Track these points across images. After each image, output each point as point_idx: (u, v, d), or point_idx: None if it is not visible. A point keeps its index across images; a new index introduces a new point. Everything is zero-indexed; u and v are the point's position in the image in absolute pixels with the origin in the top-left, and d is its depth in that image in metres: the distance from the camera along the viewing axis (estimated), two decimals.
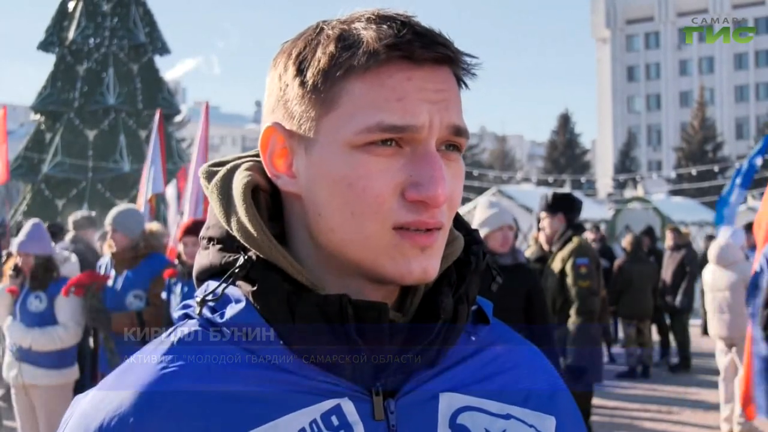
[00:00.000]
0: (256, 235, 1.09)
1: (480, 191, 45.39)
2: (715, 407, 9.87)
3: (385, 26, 1.05)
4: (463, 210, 37.23)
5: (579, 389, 6.62)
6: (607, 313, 11.71)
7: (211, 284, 1.10)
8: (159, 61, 50.47)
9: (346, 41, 1.05)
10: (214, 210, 1.15)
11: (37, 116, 49.59)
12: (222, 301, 1.09)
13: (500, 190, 34.26)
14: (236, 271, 1.09)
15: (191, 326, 1.11)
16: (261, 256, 1.09)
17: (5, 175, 10.76)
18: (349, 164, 1.05)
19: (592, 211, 25.97)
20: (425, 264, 1.07)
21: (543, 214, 6.92)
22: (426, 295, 1.14)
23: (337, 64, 1.05)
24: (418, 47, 1.05)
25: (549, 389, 1.23)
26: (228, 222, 1.12)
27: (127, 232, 6.64)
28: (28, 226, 6.90)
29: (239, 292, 1.09)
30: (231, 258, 1.11)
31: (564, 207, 6.88)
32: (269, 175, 1.13)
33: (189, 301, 1.16)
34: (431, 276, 1.08)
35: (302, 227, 1.12)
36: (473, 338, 1.19)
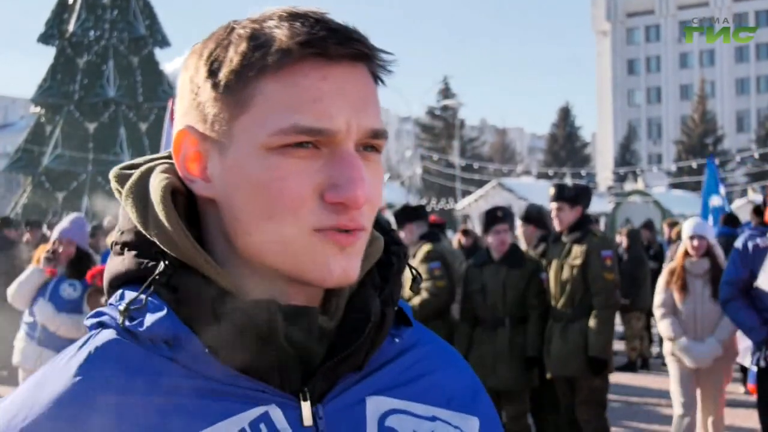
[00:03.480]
0: (177, 239, 1.04)
1: (480, 184, 45.42)
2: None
3: (297, 23, 1.02)
4: (463, 202, 37.10)
5: (599, 381, 6.66)
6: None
7: (129, 292, 1.06)
8: (159, 53, 50.59)
9: (258, 40, 1.02)
10: (129, 214, 1.10)
11: (37, 109, 49.61)
12: (140, 308, 1.04)
13: (500, 183, 34.33)
14: (157, 277, 1.04)
15: (107, 336, 1.05)
16: (182, 261, 1.05)
17: None
18: (265, 167, 1.01)
19: (593, 204, 25.93)
20: (344, 264, 1.04)
21: (557, 205, 6.84)
22: (351, 298, 1.12)
23: (249, 64, 1.01)
24: (333, 44, 1.01)
25: (470, 390, 1.23)
26: (146, 227, 1.07)
27: None
28: (73, 216, 7.06)
29: (159, 299, 1.04)
30: (150, 264, 1.06)
31: (584, 199, 6.87)
32: (184, 179, 1.09)
33: (102, 309, 1.10)
34: (352, 278, 1.05)
35: (219, 232, 1.08)
36: (397, 340, 1.17)
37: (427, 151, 60.88)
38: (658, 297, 7.27)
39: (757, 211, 10.37)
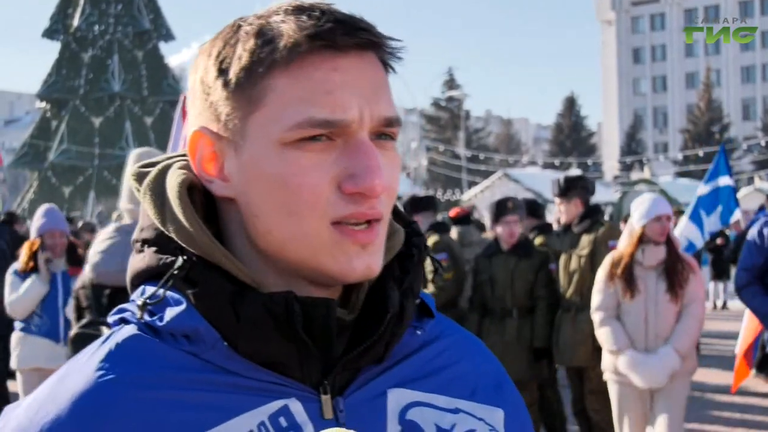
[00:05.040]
0: (195, 234, 1.05)
1: (486, 175, 45.36)
2: (724, 390, 9.89)
3: (304, 16, 1.02)
4: (469, 193, 37.07)
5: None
6: None
7: (149, 288, 1.06)
8: (164, 47, 50.58)
9: (266, 36, 1.02)
10: (148, 211, 1.11)
11: (43, 104, 49.70)
12: (161, 304, 1.05)
13: (506, 173, 34.29)
14: (176, 272, 1.04)
15: (129, 331, 1.05)
16: (201, 256, 1.05)
17: None
18: (282, 162, 1.01)
19: (599, 193, 25.89)
20: (368, 261, 1.04)
21: (557, 200, 6.99)
22: (371, 290, 1.11)
23: (258, 60, 1.01)
24: (340, 34, 1.01)
25: (495, 381, 1.22)
26: (164, 223, 1.08)
27: None
28: (46, 207, 6.83)
29: (179, 293, 1.05)
30: (169, 259, 1.06)
31: (577, 189, 6.93)
32: (202, 180, 1.09)
33: (124, 305, 1.10)
34: (375, 273, 1.06)
35: (239, 231, 1.08)
36: (419, 332, 1.16)
37: (433, 143, 60.89)
38: (597, 297, 5.80)
39: None
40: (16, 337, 6.77)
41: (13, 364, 6.78)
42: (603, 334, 5.70)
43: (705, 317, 5.86)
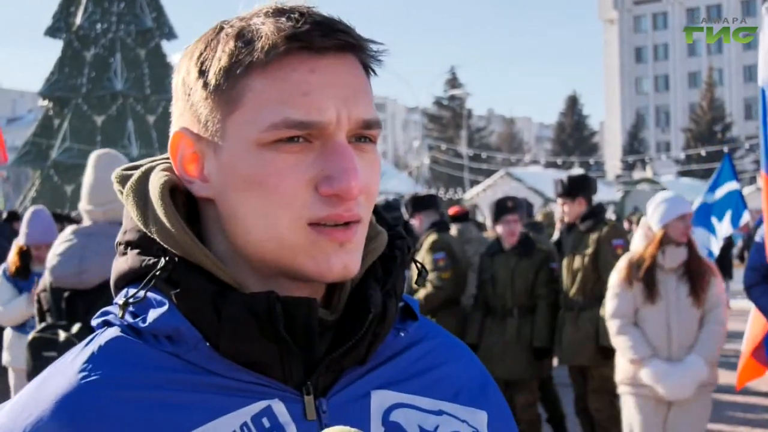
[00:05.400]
0: (176, 234, 1.05)
1: (488, 174, 45.36)
2: (727, 389, 9.87)
3: (283, 18, 1.02)
4: (471, 192, 37.13)
5: (610, 370, 6.68)
6: None
7: (132, 290, 1.07)
8: (166, 45, 50.52)
9: (245, 37, 1.03)
10: (131, 213, 1.11)
11: (45, 102, 49.69)
12: (143, 305, 1.05)
13: (508, 172, 34.28)
14: (158, 272, 1.05)
15: (112, 333, 1.06)
16: (183, 257, 1.06)
17: (3, 155, 10.61)
18: (259, 163, 1.02)
19: (601, 192, 25.92)
20: (345, 260, 1.04)
21: (560, 200, 6.99)
22: (353, 292, 1.12)
23: (237, 61, 1.02)
24: (318, 36, 1.02)
25: (478, 383, 1.22)
26: (146, 224, 1.08)
27: None
28: (30, 215, 6.69)
29: (161, 295, 1.05)
30: (151, 261, 1.07)
31: (584, 189, 6.93)
32: (183, 181, 1.10)
33: (108, 308, 1.11)
34: (352, 272, 1.05)
35: (219, 231, 1.08)
36: (402, 334, 1.17)
37: (435, 141, 60.84)
38: (612, 303, 5.43)
39: None
40: (9, 335, 6.71)
41: (5, 361, 6.73)
42: (622, 343, 5.32)
43: None
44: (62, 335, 4.01)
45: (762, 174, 6.05)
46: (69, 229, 4.29)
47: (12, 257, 6.70)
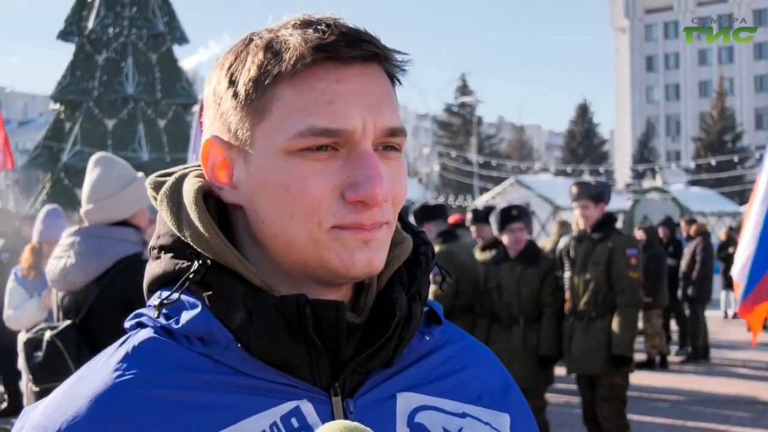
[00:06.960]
0: (209, 238, 1.08)
1: (498, 181, 45.30)
2: (735, 400, 9.85)
3: (310, 30, 1.05)
4: (481, 199, 37.16)
5: (620, 378, 6.68)
6: None
7: (165, 292, 1.10)
8: (178, 50, 50.69)
9: (273, 49, 1.06)
10: (165, 218, 1.14)
11: (57, 105, 49.79)
12: (176, 307, 1.09)
13: (518, 180, 34.21)
14: (191, 275, 1.08)
15: (145, 334, 1.09)
16: (215, 260, 1.09)
17: (10, 161, 10.62)
18: (285, 170, 1.05)
19: (611, 201, 25.90)
20: (369, 255, 1.06)
21: (581, 203, 6.88)
22: (379, 296, 1.14)
23: (265, 72, 1.05)
24: (343, 46, 1.05)
25: (501, 387, 1.25)
26: (180, 229, 1.12)
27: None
28: (45, 212, 6.73)
29: (194, 297, 1.08)
30: (185, 264, 1.11)
31: (607, 196, 6.92)
32: (213, 187, 1.13)
33: (141, 310, 1.14)
34: (377, 268, 1.08)
35: (248, 236, 1.12)
36: (427, 338, 1.19)
37: (445, 149, 60.88)
38: None
39: None
40: (23, 338, 6.73)
41: (20, 364, 6.76)
42: None
43: (716, 327, 5.63)
44: (47, 335, 4.10)
45: None
46: (67, 230, 4.37)
47: (25, 255, 6.75)
